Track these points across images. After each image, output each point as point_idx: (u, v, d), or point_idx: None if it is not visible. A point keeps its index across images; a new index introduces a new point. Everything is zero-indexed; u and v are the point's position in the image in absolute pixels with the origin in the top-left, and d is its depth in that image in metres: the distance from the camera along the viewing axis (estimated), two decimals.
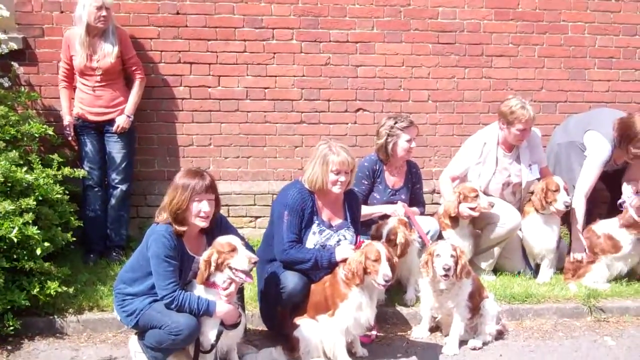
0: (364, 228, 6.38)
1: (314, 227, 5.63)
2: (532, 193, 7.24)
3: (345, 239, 5.70)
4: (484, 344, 5.81)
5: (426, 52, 8.04)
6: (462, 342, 5.78)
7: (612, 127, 6.99)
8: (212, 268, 4.96)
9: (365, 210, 6.59)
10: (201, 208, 5.02)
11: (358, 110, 8.06)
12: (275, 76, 7.92)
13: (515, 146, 7.14)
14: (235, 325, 5.09)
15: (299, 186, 5.71)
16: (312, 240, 5.61)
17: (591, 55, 8.24)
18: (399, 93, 8.07)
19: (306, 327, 5.39)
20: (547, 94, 8.30)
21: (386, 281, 5.12)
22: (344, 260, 5.34)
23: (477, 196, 6.74)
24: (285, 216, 5.54)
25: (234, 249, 4.97)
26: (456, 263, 5.53)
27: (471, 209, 6.73)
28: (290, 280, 5.44)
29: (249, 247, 5.28)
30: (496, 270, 7.20)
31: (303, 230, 5.60)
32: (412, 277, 6.37)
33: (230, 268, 4.94)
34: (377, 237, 6.16)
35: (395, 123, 6.74)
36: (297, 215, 5.56)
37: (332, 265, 5.44)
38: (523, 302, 6.46)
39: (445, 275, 5.48)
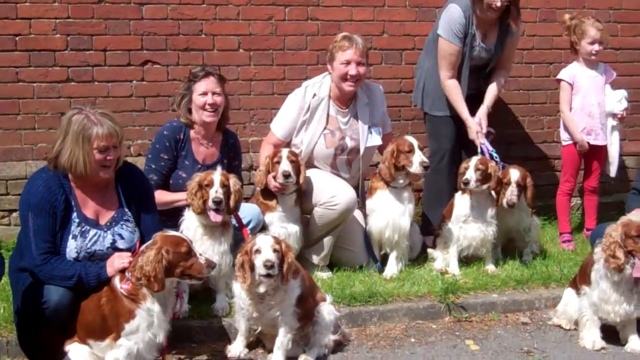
0: (164, 218, 6.25)
1: (73, 229, 5.41)
2: (376, 166, 7.45)
3: (122, 238, 5.53)
4: (318, 358, 5.87)
5: None
6: (291, 359, 5.80)
7: None
8: None
9: (166, 197, 6.53)
10: None
11: (145, 63, 7.96)
12: (30, 18, 7.66)
13: (351, 101, 7.33)
14: None
15: (46, 175, 5.43)
16: (74, 246, 5.38)
17: None
18: (200, 40, 8.04)
19: (77, 354, 5.23)
20: (390, 40, 8.61)
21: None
22: (122, 271, 5.22)
23: (279, 162, 6.83)
24: (30, 219, 5.28)
25: None
26: (281, 260, 5.53)
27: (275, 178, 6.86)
28: (54, 292, 5.22)
29: None
30: (333, 265, 7.35)
31: (59, 234, 5.36)
32: (222, 280, 6.33)
33: None
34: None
35: (192, 75, 6.75)
36: (46, 215, 5.30)
37: (102, 283, 5.26)
38: (366, 303, 6.59)
39: (268, 275, 5.45)
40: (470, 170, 7.15)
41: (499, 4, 7.48)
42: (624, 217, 5.93)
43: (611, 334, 6.14)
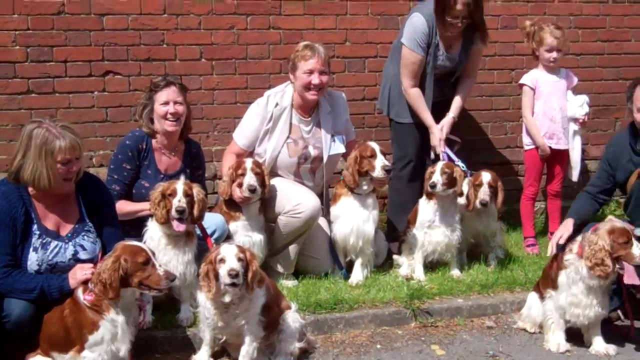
0: (127, 228, 6.29)
1: (34, 241, 5.40)
2: (340, 173, 7.48)
3: (84, 249, 5.54)
4: None
5: None
6: None
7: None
8: None
9: (129, 207, 6.53)
10: None
11: (107, 73, 7.92)
12: None
13: (314, 110, 7.37)
14: None
15: (5, 187, 5.43)
16: (35, 258, 5.38)
17: None
18: (162, 50, 8.03)
19: None
20: (353, 48, 8.64)
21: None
22: (85, 282, 5.22)
23: (243, 174, 6.84)
24: None
25: None
26: (246, 269, 5.54)
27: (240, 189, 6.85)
28: (16, 306, 5.21)
29: None
30: (298, 272, 7.36)
31: (20, 246, 5.35)
32: (187, 290, 6.31)
33: None
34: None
35: (153, 85, 6.75)
36: (6, 228, 5.30)
37: (65, 296, 5.27)
38: (332, 310, 6.61)
39: (233, 284, 5.45)
40: (436, 174, 7.21)
41: (460, 25, 7.54)
42: (605, 224, 5.98)
43: (575, 336, 6.23)
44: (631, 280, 5.86)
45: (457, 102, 8.01)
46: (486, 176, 7.47)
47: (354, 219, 7.22)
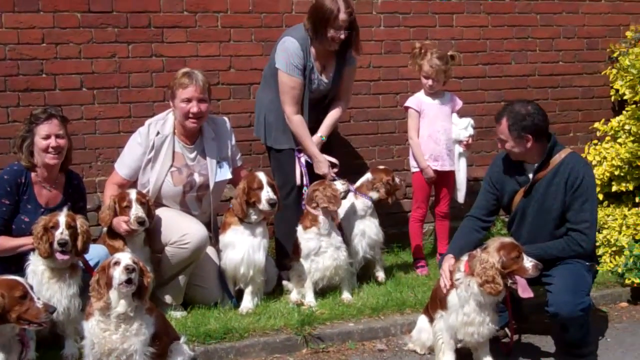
0: (6, 264, 6.26)
1: None
2: (228, 201, 7.49)
3: None
4: None
5: (74, 23, 8.01)
6: None
7: (304, 24, 7.74)
8: None
9: (9, 242, 6.45)
10: None
11: None
12: None
13: (198, 137, 7.40)
14: None
15: None
16: None
17: (288, 23, 8.75)
18: (41, 80, 7.94)
19: None
20: (237, 75, 8.72)
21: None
22: None
23: (129, 207, 6.83)
24: None
25: None
26: (140, 277, 5.53)
27: (126, 222, 6.82)
28: None
29: None
30: (187, 303, 7.33)
31: None
32: (71, 325, 6.23)
33: None
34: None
35: (33, 117, 6.65)
36: None
37: None
38: (222, 340, 6.60)
39: (129, 281, 5.40)
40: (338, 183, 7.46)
41: (342, 36, 7.59)
42: (494, 241, 6.10)
43: (465, 356, 6.36)
44: (526, 294, 5.99)
45: (326, 122, 8.02)
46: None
47: (244, 248, 7.23)
